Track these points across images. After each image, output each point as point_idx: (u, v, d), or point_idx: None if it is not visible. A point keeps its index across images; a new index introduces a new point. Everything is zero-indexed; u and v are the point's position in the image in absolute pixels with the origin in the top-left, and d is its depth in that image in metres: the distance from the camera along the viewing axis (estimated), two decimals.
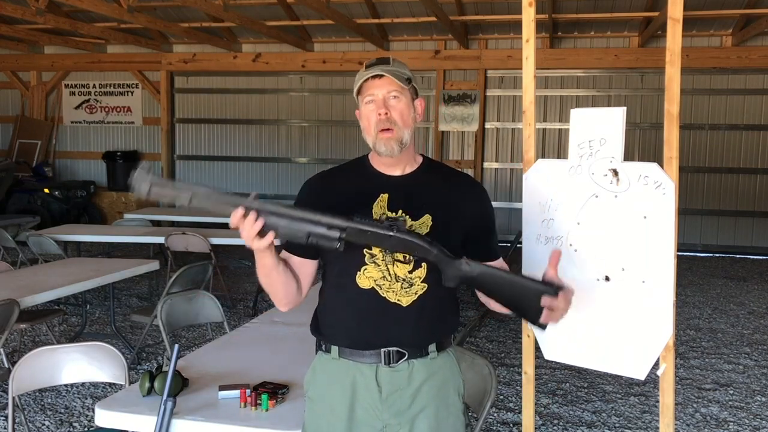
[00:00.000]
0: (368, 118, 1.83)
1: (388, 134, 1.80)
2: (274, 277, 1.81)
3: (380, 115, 1.80)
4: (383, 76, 1.80)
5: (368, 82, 1.81)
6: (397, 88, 1.81)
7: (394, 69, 1.82)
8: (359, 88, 1.84)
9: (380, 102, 1.81)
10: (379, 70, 1.80)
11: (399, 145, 1.81)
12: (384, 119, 1.80)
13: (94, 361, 2.71)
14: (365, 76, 1.82)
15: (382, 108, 1.80)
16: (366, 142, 1.87)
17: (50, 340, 5.15)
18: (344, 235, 1.67)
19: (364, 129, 1.86)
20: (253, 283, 7.52)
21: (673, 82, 2.24)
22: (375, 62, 1.84)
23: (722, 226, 10.00)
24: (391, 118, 1.80)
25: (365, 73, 1.82)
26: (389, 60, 1.84)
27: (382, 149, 1.81)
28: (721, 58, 9.52)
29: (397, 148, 1.81)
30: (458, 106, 10.33)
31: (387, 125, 1.80)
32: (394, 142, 1.80)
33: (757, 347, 5.57)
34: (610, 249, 2.33)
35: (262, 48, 10.91)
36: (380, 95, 1.81)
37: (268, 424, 2.16)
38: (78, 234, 6.73)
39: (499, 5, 9.08)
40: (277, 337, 3.11)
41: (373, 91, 1.81)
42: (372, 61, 1.85)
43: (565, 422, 4.04)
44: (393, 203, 1.84)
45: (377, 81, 1.81)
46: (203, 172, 11.59)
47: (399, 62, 1.85)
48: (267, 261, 1.76)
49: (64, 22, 8.88)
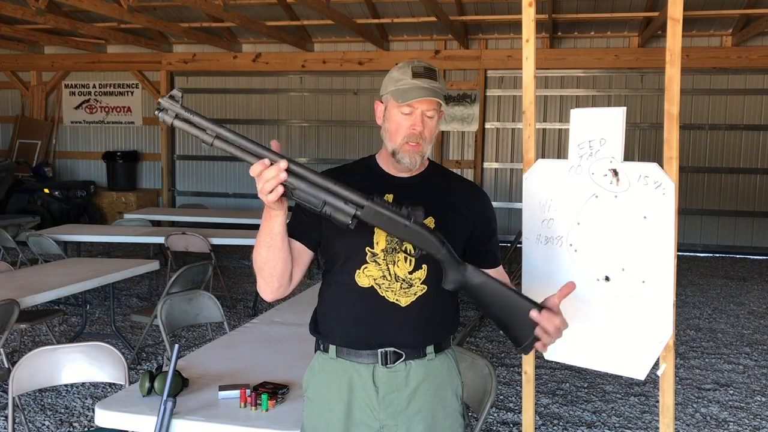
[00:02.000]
0: (399, 125, 1.81)
1: (416, 148, 1.81)
2: (277, 250, 1.70)
3: (415, 129, 1.79)
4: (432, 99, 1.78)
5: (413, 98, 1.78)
6: (436, 107, 1.81)
7: (440, 89, 1.80)
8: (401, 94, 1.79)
9: (418, 117, 1.79)
10: (429, 89, 1.77)
11: (421, 159, 1.84)
12: (417, 134, 1.80)
13: (94, 361, 2.71)
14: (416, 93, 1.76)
15: (419, 124, 1.79)
16: (384, 140, 1.86)
17: (50, 340, 5.15)
18: (360, 213, 1.61)
19: (388, 131, 1.83)
20: (252, 283, 7.52)
21: (673, 82, 2.24)
22: (423, 73, 1.80)
23: (722, 226, 10.00)
24: (422, 134, 1.81)
25: (414, 85, 1.78)
26: (436, 74, 1.81)
27: (406, 160, 1.82)
28: (721, 58, 9.52)
29: (419, 161, 1.83)
30: (458, 106, 10.33)
31: (418, 141, 1.80)
32: (418, 155, 1.82)
33: (757, 347, 5.57)
34: (610, 249, 2.33)
35: (262, 48, 10.91)
36: (419, 110, 1.80)
37: (268, 424, 2.16)
38: (78, 234, 6.73)
39: (499, 5, 9.08)
40: (277, 337, 3.11)
41: (415, 104, 1.79)
42: (420, 69, 1.80)
43: (565, 422, 4.04)
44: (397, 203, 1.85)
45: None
46: (203, 172, 11.60)
47: (441, 78, 1.84)
48: (277, 226, 1.66)
49: (64, 22, 8.88)
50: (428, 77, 1.79)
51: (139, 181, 11.73)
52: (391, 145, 1.83)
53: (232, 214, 8.72)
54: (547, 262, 2.44)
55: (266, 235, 1.70)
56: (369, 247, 1.82)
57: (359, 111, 10.70)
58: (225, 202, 11.47)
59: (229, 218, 8.13)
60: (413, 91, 1.77)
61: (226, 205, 11.34)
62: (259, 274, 1.78)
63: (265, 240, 1.71)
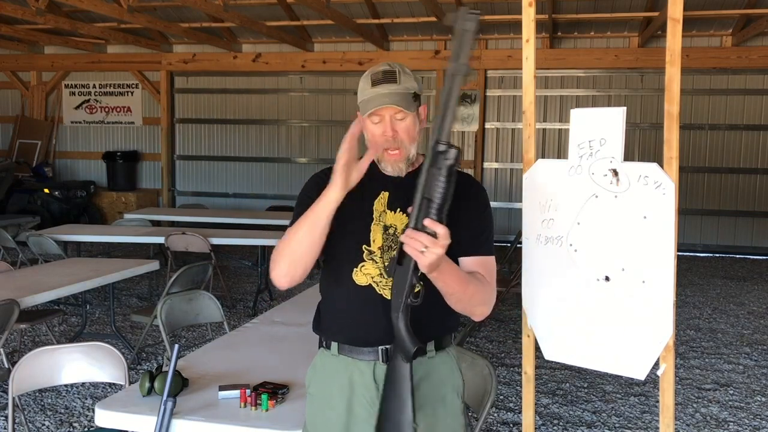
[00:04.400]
0: (374, 134, 1.82)
1: (396, 156, 1.81)
2: (320, 230, 1.72)
3: (386, 135, 1.80)
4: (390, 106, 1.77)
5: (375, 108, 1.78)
6: (404, 107, 1.79)
7: (400, 91, 1.78)
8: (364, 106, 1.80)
9: (387, 123, 1.79)
10: (388, 95, 1.76)
11: (406, 164, 1.83)
12: (391, 139, 1.80)
13: (94, 361, 2.71)
14: (376, 103, 1.77)
15: (389, 130, 1.79)
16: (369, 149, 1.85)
17: (50, 340, 5.15)
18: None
19: (368, 141, 1.84)
20: (253, 283, 7.53)
21: (673, 82, 2.24)
22: (382, 78, 1.79)
23: (722, 226, 10.00)
24: (397, 138, 1.80)
25: (374, 94, 1.78)
26: (395, 75, 1.79)
27: (388, 169, 1.84)
28: (721, 58, 9.52)
29: (404, 167, 1.83)
30: (458, 106, 10.33)
31: (394, 145, 1.80)
32: (401, 162, 1.82)
33: (757, 347, 5.57)
34: (610, 249, 2.33)
35: (262, 48, 10.91)
36: (387, 116, 1.79)
37: (268, 424, 2.16)
38: (78, 234, 6.73)
39: (499, 5, 9.08)
40: (277, 337, 3.11)
41: (380, 112, 1.79)
42: (378, 76, 1.80)
43: (565, 422, 4.04)
44: (393, 202, 1.85)
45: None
46: (203, 172, 11.59)
47: (406, 74, 1.81)
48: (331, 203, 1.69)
49: (64, 22, 8.89)
50: (387, 82, 1.78)
51: (139, 181, 11.73)
52: (374, 155, 1.83)
53: (232, 214, 8.72)
54: (547, 262, 2.44)
55: (316, 212, 1.71)
56: (366, 245, 1.82)
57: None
58: (225, 202, 11.47)
59: (229, 218, 8.13)
60: (373, 100, 1.78)
61: (226, 205, 11.34)
62: (283, 259, 1.77)
63: (310, 219, 1.72)
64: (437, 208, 1.59)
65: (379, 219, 1.84)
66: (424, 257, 1.58)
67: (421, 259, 1.59)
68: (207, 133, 11.52)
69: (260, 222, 7.87)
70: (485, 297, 1.83)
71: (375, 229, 1.82)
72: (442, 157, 1.58)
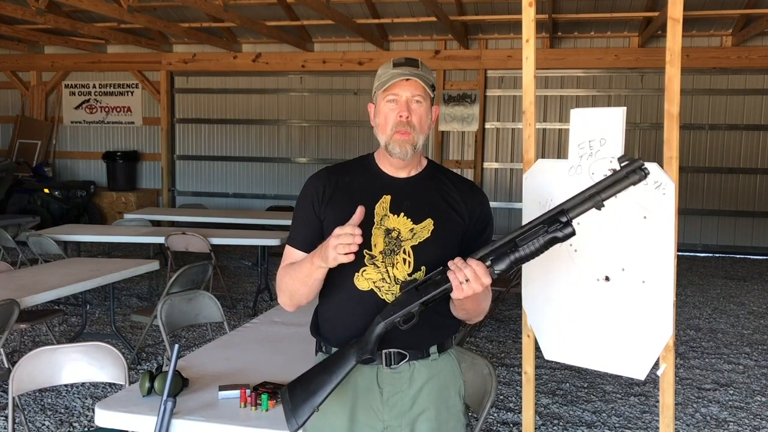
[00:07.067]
0: (387, 116, 1.82)
1: (405, 136, 1.80)
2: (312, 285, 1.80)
3: (401, 117, 1.80)
4: (411, 79, 1.79)
5: (395, 82, 1.80)
6: (422, 93, 1.81)
7: (422, 73, 1.81)
8: (382, 84, 1.82)
9: (403, 104, 1.80)
10: (410, 72, 1.79)
11: (413, 149, 1.82)
12: (404, 121, 1.80)
13: (94, 361, 2.71)
14: (395, 77, 1.80)
15: (404, 110, 1.80)
16: (377, 138, 1.86)
17: (50, 340, 5.15)
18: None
19: (378, 126, 1.85)
20: (252, 283, 7.53)
21: (673, 82, 2.24)
22: (404, 62, 1.82)
23: (722, 226, 10.00)
24: (410, 122, 1.80)
25: (394, 72, 1.80)
26: (418, 63, 1.83)
27: (396, 150, 1.81)
28: (721, 58, 9.52)
29: (410, 152, 1.82)
30: (458, 106, 10.33)
31: (406, 128, 1.80)
32: (408, 145, 1.81)
33: (757, 347, 5.57)
34: (610, 249, 2.33)
35: (262, 48, 10.91)
36: (404, 97, 1.80)
37: (268, 424, 2.15)
38: (78, 234, 6.73)
39: (499, 5, 9.09)
40: (277, 337, 3.11)
41: (398, 91, 1.80)
42: (401, 60, 1.83)
43: (565, 422, 4.04)
44: (395, 205, 1.84)
45: (404, 82, 1.80)
46: (203, 172, 11.60)
47: (426, 67, 1.85)
48: (321, 275, 1.76)
49: (64, 22, 8.89)
50: (409, 65, 1.81)
51: (139, 181, 11.73)
52: (383, 138, 1.84)
53: (232, 214, 8.72)
54: (547, 262, 2.44)
55: (307, 277, 1.78)
56: (367, 249, 1.81)
57: (359, 111, 10.69)
58: (225, 202, 11.47)
59: (229, 218, 8.13)
60: (394, 77, 1.80)
61: (226, 205, 11.35)
62: (284, 293, 1.88)
63: (303, 279, 1.80)
64: (516, 259, 1.65)
65: (381, 223, 1.82)
66: (461, 291, 1.63)
67: (458, 291, 1.64)
68: (207, 133, 11.52)
69: (260, 222, 7.88)
70: (487, 306, 1.86)
71: (376, 234, 1.81)
72: (557, 226, 1.66)
